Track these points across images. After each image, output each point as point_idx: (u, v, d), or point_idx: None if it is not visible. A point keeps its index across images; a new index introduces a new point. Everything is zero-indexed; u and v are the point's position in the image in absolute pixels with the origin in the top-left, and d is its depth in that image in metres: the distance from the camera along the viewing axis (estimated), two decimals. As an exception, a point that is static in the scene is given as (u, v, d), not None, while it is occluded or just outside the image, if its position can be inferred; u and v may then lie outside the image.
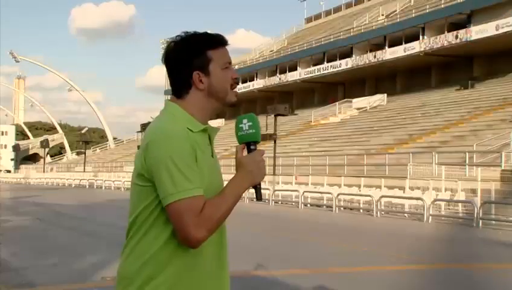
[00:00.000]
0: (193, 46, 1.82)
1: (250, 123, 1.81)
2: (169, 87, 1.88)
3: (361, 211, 18.63)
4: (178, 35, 1.86)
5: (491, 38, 33.81)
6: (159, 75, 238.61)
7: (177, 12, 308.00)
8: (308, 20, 70.28)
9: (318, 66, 48.43)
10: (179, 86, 1.84)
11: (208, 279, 1.78)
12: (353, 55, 44.46)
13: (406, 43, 39.65)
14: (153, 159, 1.70)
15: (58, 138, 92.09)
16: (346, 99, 44.46)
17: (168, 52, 1.85)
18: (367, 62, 43.01)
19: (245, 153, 1.81)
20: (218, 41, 1.85)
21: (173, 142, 1.69)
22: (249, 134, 1.80)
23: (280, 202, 21.79)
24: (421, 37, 38.80)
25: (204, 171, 1.75)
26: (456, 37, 35.76)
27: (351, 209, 19.53)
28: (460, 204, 16.53)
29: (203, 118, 1.83)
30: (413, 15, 41.41)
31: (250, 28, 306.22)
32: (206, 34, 1.86)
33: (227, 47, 1.88)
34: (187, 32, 1.87)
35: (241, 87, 53.54)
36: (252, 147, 1.81)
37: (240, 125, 1.81)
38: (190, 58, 1.82)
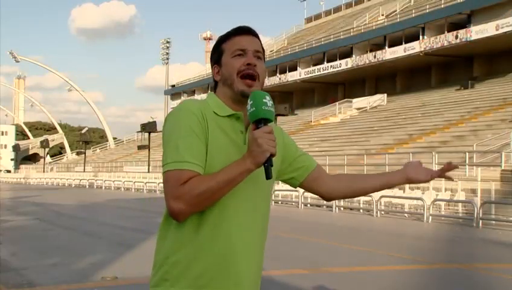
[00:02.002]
0: (215, 44, 1.94)
1: (272, 102, 1.75)
2: (169, 87, 1.91)
3: (361, 211, 18.63)
4: None
5: (491, 38, 33.82)
6: (159, 75, 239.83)
7: (177, 13, 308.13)
8: (308, 20, 70.24)
9: (318, 66, 48.43)
10: (213, 80, 1.96)
11: (235, 264, 1.79)
12: (353, 55, 44.46)
13: (406, 43, 39.65)
14: (162, 133, 1.80)
15: (58, 138, 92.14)
16: (346, 99, 44.48)
17: None
18: (367, 62, 43.02)
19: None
20: (231, 33, 1.91)
21: (179, 117, 1.75)
22: (270, 111, 1.71)
23: (280, 202, 21.77)
24: (421, 37, 38.80)
25: (218, 153, 1.75)
26: (456, 37, 35.77)
27: (351, 209, 19.52)
28: (460, 204, 16.50)
29: (233, 107, 1.87)
30: (413, 15, 41.39)
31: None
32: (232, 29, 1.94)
33: (252, 37, 1.88)
34: None
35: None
36: (260, 126, 1.70)
37: (264, 100, 1.72)
38: (211, 54, 1.95)
